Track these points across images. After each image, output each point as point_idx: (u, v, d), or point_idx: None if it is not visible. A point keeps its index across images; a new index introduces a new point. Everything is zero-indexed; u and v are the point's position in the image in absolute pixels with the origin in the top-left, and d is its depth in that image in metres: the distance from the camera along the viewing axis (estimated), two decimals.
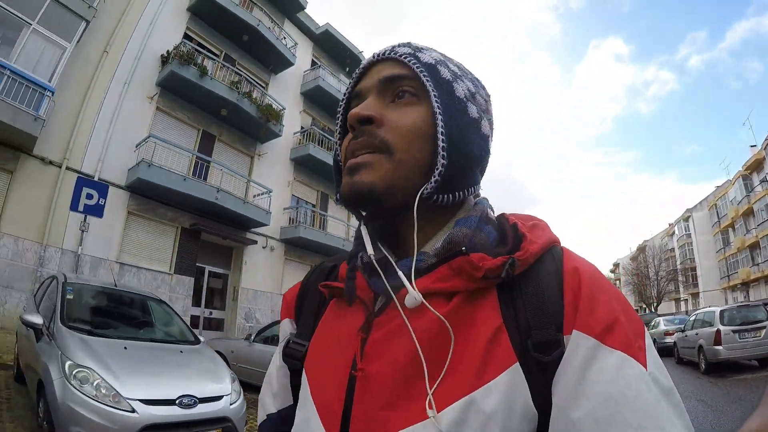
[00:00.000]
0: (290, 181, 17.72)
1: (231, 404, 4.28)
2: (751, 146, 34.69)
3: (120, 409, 3.53)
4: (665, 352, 15.13)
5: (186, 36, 14.81)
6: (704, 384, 9.40)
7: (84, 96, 11.98)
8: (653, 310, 42.36)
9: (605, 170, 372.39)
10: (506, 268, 0.53)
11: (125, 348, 4.35)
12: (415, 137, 0.59)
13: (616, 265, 74.43)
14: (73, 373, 3.67)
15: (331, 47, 20.47)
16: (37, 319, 4.54)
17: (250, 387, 7.47)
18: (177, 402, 3.85)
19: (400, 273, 0.56)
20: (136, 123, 13.00)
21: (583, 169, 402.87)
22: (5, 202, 10.69)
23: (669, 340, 15.20)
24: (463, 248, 0.56)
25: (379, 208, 0.60)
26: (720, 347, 10.36)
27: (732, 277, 38.63)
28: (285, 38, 17.39)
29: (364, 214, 0.67)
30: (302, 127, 18.66)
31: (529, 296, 0.54)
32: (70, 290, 5.01)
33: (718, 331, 10.48)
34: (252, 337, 8.75)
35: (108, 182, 11.42)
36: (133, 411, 3.57)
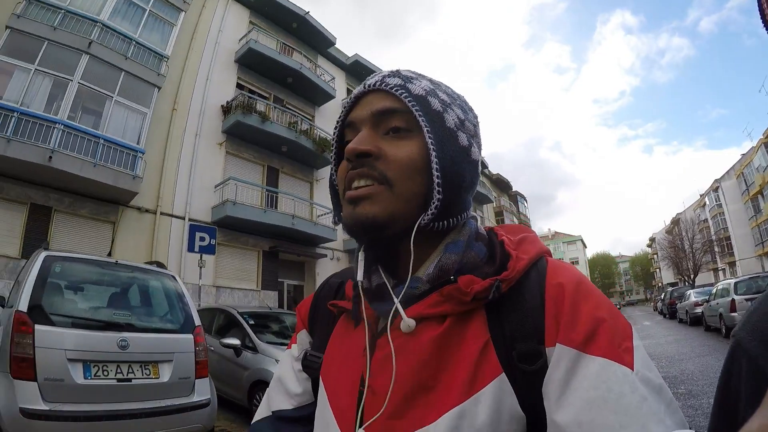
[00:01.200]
0: None
1: None
2: None
3: None
4: (695, 321, 16.56)
5: (238, 85, 15.94)
6: (724, 344, 10.54)
7: (164, 150, 13.13)
8: (691, 282, 40.42)
9: (632, 144, 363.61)
10: (492, 291, 0.56)
11: None
12: (411, 171, 0.60)
13: (652, 239, 73.09)
14: None
15: (361, 74, 21.46)
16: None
17: None
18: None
19: (396, 302, 0.60)
20: (211, 167, 14.28)
21: (611, 146, 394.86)
22: (112, 247, 11.79)
23: (698, 310, 16.01)
24: (452, 277, 0.60)
25: (379, 237, 0.61)
26: (735, 314, 11.44)
27: (766, 243, 37.38)
28: (323, 74, 18.40)
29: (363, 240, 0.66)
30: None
31: (513, 311, 0.57)
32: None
33: (733, 300, 11.64)
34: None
35: (197, 221, 12.72)
36: None
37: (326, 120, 18.81)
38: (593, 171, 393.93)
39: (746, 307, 6.48)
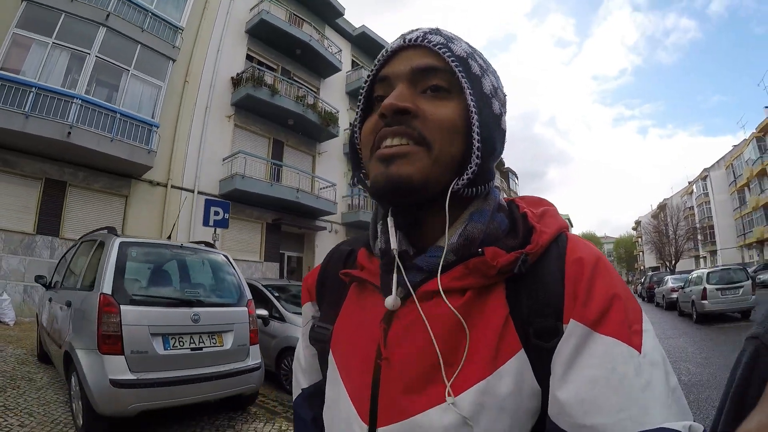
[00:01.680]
0: (345, 172, 19.38)
1: None
2: (766, 107, 34.27)
3: None
4: (671, 306, 17.73)
5: (248, 56, 16.31)
6: (694, 329, 11.92)
7: (175, 123, 13.53)
8: (672, 267, 42.12)
9: (628, 124, 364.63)
10: (518, 264, 0.56)
11: None
12: (451, 133, 0.59)
13: (638, 223, 74.32)
14: None
15: (367, 47, 21.76)
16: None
17: None
18: None
19: (438, 278, 0.57)
20: (220, 140, 14.77)
21: (606, 125, 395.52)
22: (124, 220, 12.48)
23: (674, 296, 17.14)
24: (480, 249, 0.58)
25: (411, 201, 0.60)
26: (705, 301, 12.71)
27: (747, 235, 38.82)
28: (330, 46, 18.71)
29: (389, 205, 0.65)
30: (350, 123, 20.71)
31: (532, 286, 0.57)
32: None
33: (705, 289, 12.86)
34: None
35: (205, 193, 13.38)
36: None
37: (331, 92, 19.36)
38: (586, 149, 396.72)
39: (717, 295, 9.04)
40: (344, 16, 20.80)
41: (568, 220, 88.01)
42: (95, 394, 3.57)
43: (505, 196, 0.72)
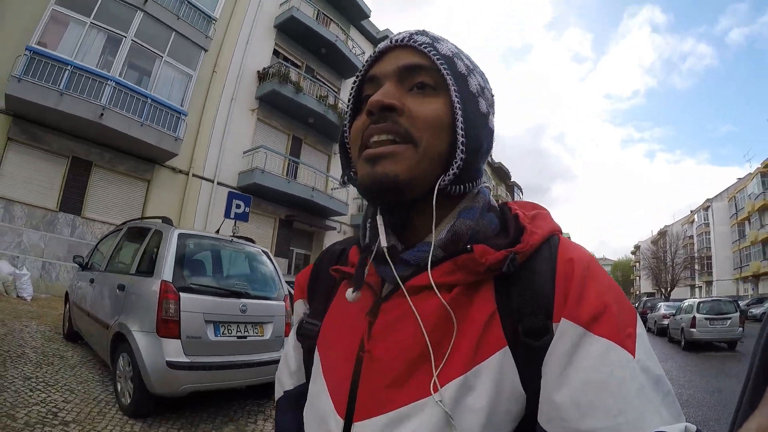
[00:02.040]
0: None
1: None
2: None
3: None
4: (661, 332, 18.26)
5: (275, 51, 16.62)
6: (681, 354, 12.63)
7: (201, 112, 13.79)
8: (667, 295, 41.94)
9: (636, 146, 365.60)
10: (507, 263, 0.56)
11: None
12: (437, 128, 0.59)
13: (637, 247, 74.86)
14: None
15: None
16: None
17: None
18: None
19: (429, 275, 0.58)
20: (242, 132, 15.08)
21: (614, 145, 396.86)
22: (145, 204, 12.73)
23: (665, 322, 17.80)
24: (468, 246, 0.58)
25: (398, 200, 0.60)
26: (694, 329, 13.48)
27: (744, 268, 39.87)
28: (354, 48, 19.04)
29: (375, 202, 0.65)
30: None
31: (523, 284, 0.57)
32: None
33: (694, 318, 13.66)
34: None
35: (224, 184, 13.78)
36: None
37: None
38: (592, 168, 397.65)
39: (706, 325, 9.70)
40: (369, 18, 21.14)
41: (568, 238, 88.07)
42: (151, 374, 3.86)
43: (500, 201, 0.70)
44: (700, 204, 50.65)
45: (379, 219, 0.63)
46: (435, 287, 0.57)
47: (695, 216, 52.08)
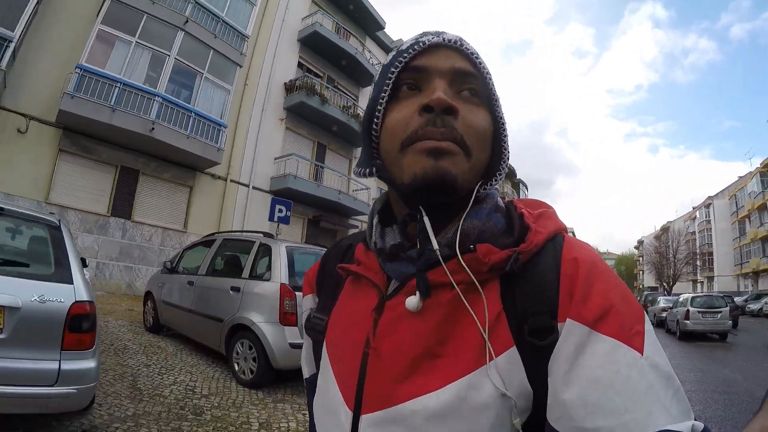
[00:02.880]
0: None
1: None
2: None
3: None
4: (660, 324, 19.45)
5: (299, 63, 17.38)
6: (675, 343, 13.77)
7: (236, 122, 14.56)
8: (668, 289, 43.23)
9: (639, 141, 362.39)
10: (510, 262, 0.55)
11: None
12: (485, 141, 0.60)
13: (640, 242, 74.69)
14: None
15: None
16: None
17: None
18: None
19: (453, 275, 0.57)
20: (273, 140, 15.92)
21: (617, 139, 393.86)
22: (188, 209, 13.54)
23: (664, 315, 19.19)
24: (471, 246, 0.57)
25: (445, 200, 0.59)
26: (688, 321, 14.92)
27: (744, 265, 40.19)
28: (371, 58, 19.85)
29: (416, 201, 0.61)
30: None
31: (527, 284, 0.56)
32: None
33: (688, 311, 15.08)
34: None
35: (259, 189, 14.69)
36: None
37: (367, 101, 20.58)
38: (595, 162, 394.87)
39: (698, 317, 12.14)
40: (384, 29, 21.82)
41: (572, 233, 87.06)
42: (277, 353, 4.80)
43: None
44: (702, 201, 50.66)
45: (427, 221, 0.59)
46: (451, 278, 0.57)
47: (697, 213, 52.01)
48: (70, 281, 2.97)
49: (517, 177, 47.85)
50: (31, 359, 2.69)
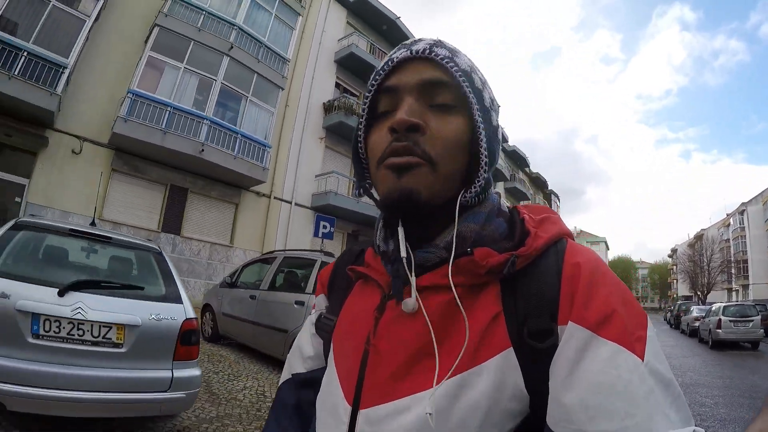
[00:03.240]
0: None
1: None
2: None
3: None
4: (693, 333, 19.57)
5: (336, 84, 17.82)
6: (707, 352, 13.94)
7: (278, 142, 14.96)
8: (703, 298, 42.08)
9: (671, 147, 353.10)
10: (507, 266, 0.55)
11: None
12: (455, 149, 0.58)
13: (674, 250, 73.61)
14: None
15: None
16: None
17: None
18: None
19: (413, 283, 0.59)
20: (313, 158, 16.34)
21: (648, 146, 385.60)
22: (234, 225, 13.95)
23: (697, 324, 19.03)
24: (468, 249, 0.58)
25: (416, 213, 0.59)
26: (720, 330, 14.93)
27: None
28: None
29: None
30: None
31: (528, 287, 0.56)
32: None
33: (720, 320, 15.10)
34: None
35: (301, 205, 15.11)
36: None
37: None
38: (626, 170, 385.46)
39: (730, 326, 12.54)
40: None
41: (605, 243, 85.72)
42: None
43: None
44: (736, 208, 49.43)
45: (401, 231, 0.61)
46: (415, 305, 0.58)
47: (731, 220, 50.80)
48: (179, 301, 3.29)
49: (549, 188, 47.34)
50: (148, 369, 3.00)
